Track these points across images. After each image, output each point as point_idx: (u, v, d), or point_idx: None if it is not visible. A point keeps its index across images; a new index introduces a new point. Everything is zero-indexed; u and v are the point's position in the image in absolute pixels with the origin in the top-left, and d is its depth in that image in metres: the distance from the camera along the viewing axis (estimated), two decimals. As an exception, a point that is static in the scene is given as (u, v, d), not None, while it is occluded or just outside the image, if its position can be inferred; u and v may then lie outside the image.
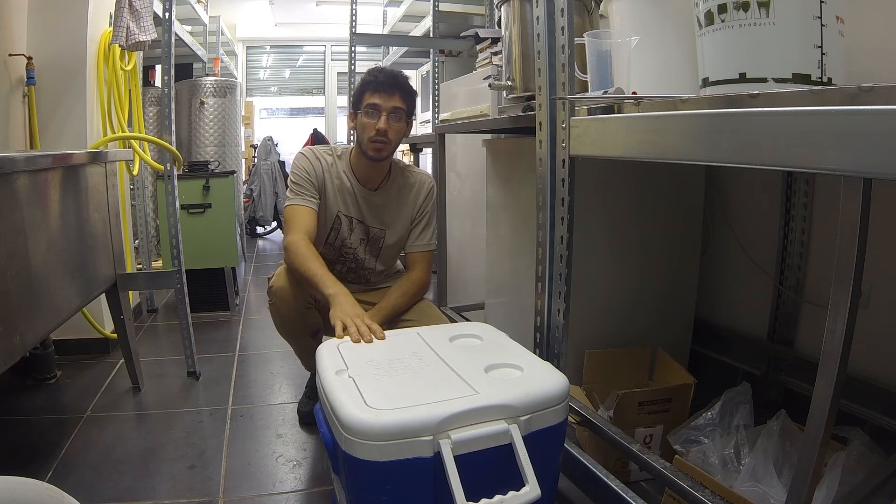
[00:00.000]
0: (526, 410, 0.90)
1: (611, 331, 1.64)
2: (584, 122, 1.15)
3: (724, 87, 0.85)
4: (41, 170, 1.46)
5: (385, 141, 1.56)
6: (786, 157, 0.71)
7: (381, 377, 0.99)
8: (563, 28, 1.19)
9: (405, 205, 1.70)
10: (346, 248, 1.71)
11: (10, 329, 1.27)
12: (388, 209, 1.69)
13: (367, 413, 0.85)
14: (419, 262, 1.69)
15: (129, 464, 1.56)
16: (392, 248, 1.74)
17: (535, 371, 1.01)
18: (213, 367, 2.29)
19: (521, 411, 0.90)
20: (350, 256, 1.73)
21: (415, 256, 1.70)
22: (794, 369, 1.62)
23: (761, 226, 1.74)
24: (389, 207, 1.69)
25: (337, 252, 1.72)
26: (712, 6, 0.84)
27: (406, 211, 1.70)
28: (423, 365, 1.04)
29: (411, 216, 1.71)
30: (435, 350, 1.11)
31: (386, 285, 1.75)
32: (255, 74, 7.11)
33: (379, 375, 1.00)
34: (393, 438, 0.83)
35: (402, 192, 1.70)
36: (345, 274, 1.73)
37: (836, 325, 0.71)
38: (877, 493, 1.00)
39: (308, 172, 1.62)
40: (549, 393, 0.94)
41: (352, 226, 1.68)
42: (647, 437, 1.41)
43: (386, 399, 0.90)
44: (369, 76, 1.58)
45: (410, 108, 1.61)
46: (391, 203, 1.69)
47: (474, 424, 0.87)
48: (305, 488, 1.47)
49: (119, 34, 2.09)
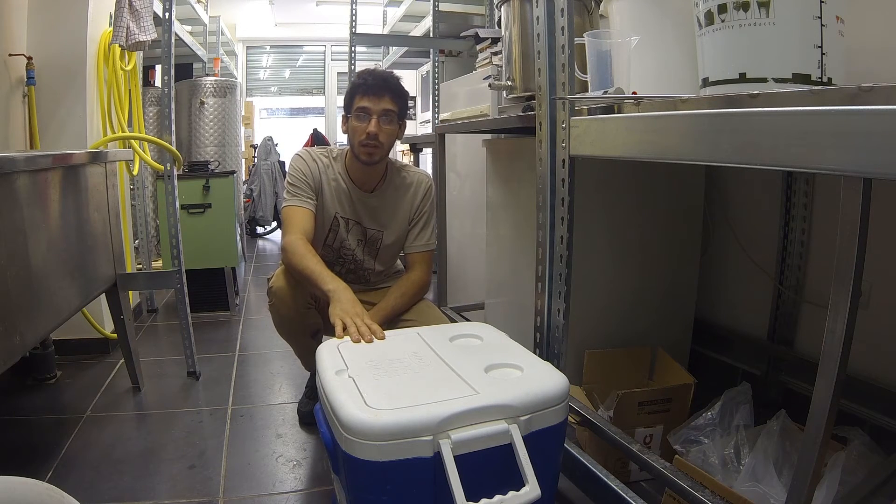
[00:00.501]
0: (526, 410, 0.90)
1: (611, 331, 1.64)
2: (584, 122, 1.15)
3: (724, 87, 0.85)
4: (41, 170, 1.46)
5: (376, 144, 1.55)
6: (786, 157, 0.71)
7: (382, 377, 0.99)
8: (563, 28, 1.19)
9: (402, 205, 1.69)
10: (344, 249, 1.71)
11: (10, 329, 1.27)
12: (384, 210, 1.68)
13: (367, 413, 0.85)
14: (419, 263, 1.68)
15: (129, 464, 1.56)
16: (390, 248, 1.74)
17: (535, 371, 1.01)
18: (213, 367, 2.28)
19: (522, 411, 0.90)
20: (349, 257, 1.73)
21: (414, 257, 1.70)
22: (794, 369, 1.62)
23: (761, 226, 1.74)
24: (386, 209, 1.68)
25: (336, 254, 1.72)
26: (712, 6, 0.84)
27: (403, 211, 1.69)
28: (424, 365, 1.04)
29: (409, 216, 1.70)
30: (435, 350, 1.11)
31: (386, 285, 1.75)
32: (255, 74, 7.11)
33: (379, 375, 1.00)
34: (393, 438, 0.83)
35: (399, 192, 1.69)
36: (345, 275, 1.72)
37: (836, 325, 0.71)
38: (877, 493, 1.00)
39: (304, 174, 1.62)
40: (549, 393, 0.94)
41: (349, 227, 1.68)
42: (647, 437, 1.41)
43: (386, 399, 0.90)
44: (359, 79, 1.58)
45: (402, 109, 1.60)
46: (387, 204, 1.68)
47: (474, 424, 0.87)
48: (305, 488, 1.47)
49: (119, 34, 2.09)
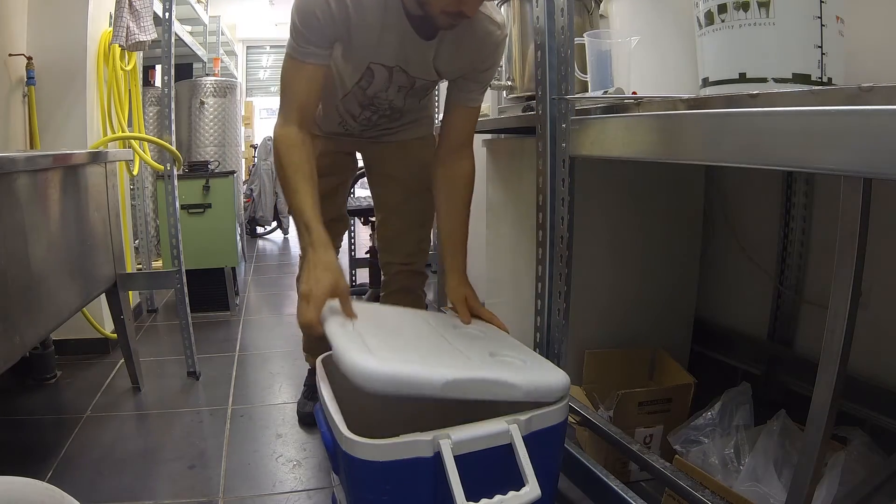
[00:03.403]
0: (529, 394, 0.91)
1: (611, 331, 1.64)
2: (584, 122, 1.15)
3: (724, 87, 0.85)
4: (41, 170, 1.46)
5: (465, 17, 1.14)
6: (786, 157, 0.71)
7: (387, 339, 1.00)
8: (563, 28, 1.19)
9: (463, 55, 1.30)
10: (378, 99, 1.41)
11: (10, 329, 1.27)
12: (441, 58, 1.30)
13: (372, 361, 0.85)
14: (463, 130, 1.36)
15: (129, 464, 1.56)
16: (432, 85, 1.44)
17: (537, 363, 1.02)
18: (213, 367, 2.28)
19: (525, 394, 0.90)
20: (384, 105, 1.43)
21: (459, 113, 1.36)
22: (794, 369, 1.62)
23: (761, 226, 1.74)
24: (442, 56, 1.30)
25: (368, 100, 1.41)
26: (712, 6, 0.84)
27: (464, 61, 1.32)
28: (432, 343, 1.05)
29: (470, 68, 1.33)
30: (441, 333, 1.11)
31: (412, 120, 1.55)
32: (255, 74, 7.12)
33: (384, 338, 1.00)
34: (398, 390, 0.83)
35: (463, 41, 1.28)
36: (375, 121, 1.48)
37: (836, 325, 0.71)
38: (877, 493, 1.00)
39: (319, 17, 1.14)
40: (551, 383, 0.94)
41: (391, 76, 1.33)
42: (647, 437, 1.41)
43: (392, 352, 0.91)
44: None
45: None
46: (446, 52, 1.29)
47: (474, 423, 0.87)
48: (305, 488, 1.47)
49: (119, 34, 2.09)
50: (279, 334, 2.74)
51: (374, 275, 3.29)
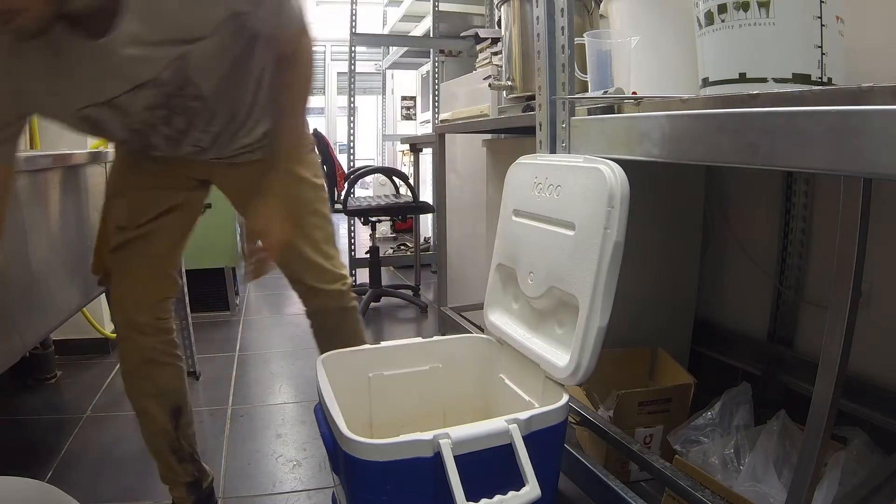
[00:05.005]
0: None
1: (611, 331, 1.63)
2: (584, 122, 1.15)
3: (724, 87, 0.84)
4: (41, 170, 1.46)
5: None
6: (786, 157, 0.71)
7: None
8: (563, 28, 1.19)
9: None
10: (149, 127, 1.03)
11: (10, 329, 1.27)
12: (164, 16, 0.85)
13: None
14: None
15: (129, 464, 1.56)
16: (216, 61, 0.96)
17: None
18: (213, 367, 2.28)
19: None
20: (179, 106, 1.01)
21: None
22: (794, 369, 1.62)
23: (761, 226, 1.74)
24: (164, 14, 0.85)
25: (149, 126, 1.02)
26: (712, 6, 0.84)
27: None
28: None
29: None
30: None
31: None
32: (255, 74, 7.10)
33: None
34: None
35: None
36: (207, 124, 1.07)
37: (836, 325, 0.71)
38: (877, 493, 1.00)
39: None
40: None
41: (118, 108, 0.95)
42: (647, 437, 1.41)
43: None
44: None
45: None
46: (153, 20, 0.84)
47: (474, 423, 0.87)
48: (305, 488, 1.47)
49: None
50: (279, 334, 2.74)
51: (375, 275, 3.30)
